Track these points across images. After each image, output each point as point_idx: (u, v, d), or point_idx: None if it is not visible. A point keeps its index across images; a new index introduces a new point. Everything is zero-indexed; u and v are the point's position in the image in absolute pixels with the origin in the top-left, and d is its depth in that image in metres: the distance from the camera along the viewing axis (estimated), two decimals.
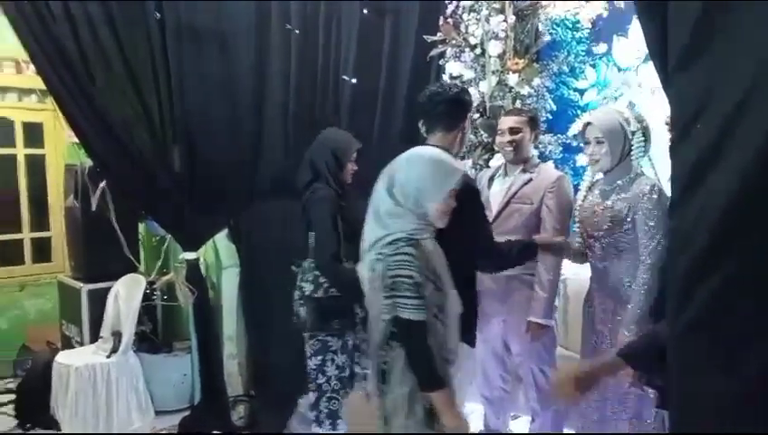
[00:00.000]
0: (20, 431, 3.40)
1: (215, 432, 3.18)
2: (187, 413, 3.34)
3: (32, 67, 4.26)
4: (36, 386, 3.50)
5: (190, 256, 3.20)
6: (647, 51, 1.14)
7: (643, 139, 2.16)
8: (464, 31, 3.32)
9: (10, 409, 3.57)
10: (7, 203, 4.39)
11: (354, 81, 3.48)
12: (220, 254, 3.49)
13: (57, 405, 3.38)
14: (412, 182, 1.71)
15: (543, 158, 3.07)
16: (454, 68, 3.33)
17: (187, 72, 3.03)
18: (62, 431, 3.28)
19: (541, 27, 3.27)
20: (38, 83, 4.34)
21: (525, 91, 3.14)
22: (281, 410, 3.10)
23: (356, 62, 3.49)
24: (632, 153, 2.15)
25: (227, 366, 3.43)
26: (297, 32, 3.31)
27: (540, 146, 3.08)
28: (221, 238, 3.41)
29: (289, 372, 3.01)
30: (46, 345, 3.99)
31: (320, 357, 2.49)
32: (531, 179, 2.56)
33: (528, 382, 2.66)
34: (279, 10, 3.26)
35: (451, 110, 2.14)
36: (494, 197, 2.62)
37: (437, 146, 2.13)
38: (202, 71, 3.09)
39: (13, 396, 3.66)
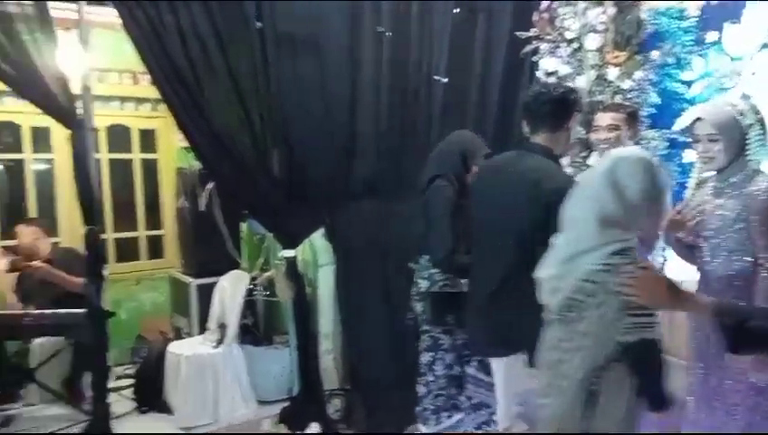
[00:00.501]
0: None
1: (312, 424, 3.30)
2: (286, 404, 3.48)
3: (146, 78, 4.64)
4: (151, 373, 3.78)
5: (289, 253, 3.34)
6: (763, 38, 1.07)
7: (761, 132, 1.99)
8: (559, 25, 3.24)
9: (129, 392, 3.88)
10: (125, 204, 4.78)
11: (446, 80, 3.49)
12: (317, 252, 3.60)
13: (170, 391, 3.64)
14: (641, 187, 1.55)
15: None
16: (549, 64, 3.25)
17: (285, 79, 3.16)
18: (174, 416, 3.53)
19: (643, 17, 3.11)
20: (152, 93, 4.70)
21: (626, 84, 3.01)
22: (375, 406, 3.17)
23: (448, 61, 3.49)
24: (749, 148, 1.99)
25: (323, 361, 3.54)
26: (389, 34, 3.36)
27: (643, 142, 2.94)
28: (318, 237, 3.52)
29: (384, 368, 3.07)
30: (159, 335, 4.31)
31: (430, 354, 2.53)
32: None
33: None
34: (371, 13, 3.32)
35: (557, 110, 2.11)
36: None
37: (542, 145, 2.11)
38: (299, 77, 3.21)
39: (131, 381, 3.98)
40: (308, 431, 3.24)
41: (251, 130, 3.12)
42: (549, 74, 3.26)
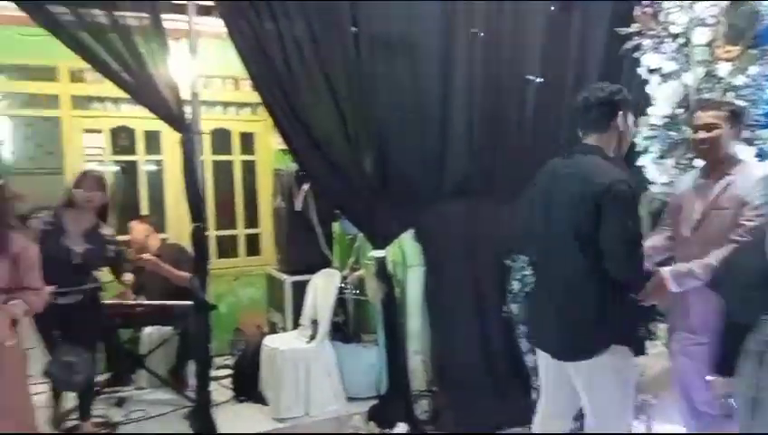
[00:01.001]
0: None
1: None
2: (375, 402, 3.53)
3: (247, 83, 4.87)
4: (248, 365, 3.96)
5: (379, 253, 3.38)
6: None
7: None
8: (664, 20, 3.07)
9: (227, 382, 4.09)
10: (226, 203, 5.04)
11: (540, 80, 3.41)
12: (406, 253, 3.63)
13: (265, 382, 3.80)
14: None
15: (763, 155, 2.72)
16: (652, 60, 3.10)
17: (378, 81, 3.22)
18: (269, 406, 3.67)
19: (758, 9, 2.89)
20: (251, 98, 4.94)
21: (739, 81, 2.80)
22: (464, 408, 3.15)
23: (542, 60, 3.41)
24: None
25: (412, 361, 3.56)
26: (482, 34, 3.33)
27: (758, 142, 2.73)
28: (407, 238, 3.55)
29: (473, 371, 3.05)
30: (256, 329, 4.50)
31: (533, 357, 2.51)
32: (729, 183, 2.29)
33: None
34: (465, 14, 3.31)
35: (601, 111, 2.12)
36: (696, 201, 2.39)
37: (593, 146, 2.12)
38: (392, 79, 3.25)
39: (229, 371, 4.19)
40: (396, 430, 3.27)
41: (345, 132, 3.20)
42: (652, 71, 3.11)
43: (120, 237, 4.34)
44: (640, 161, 3.13)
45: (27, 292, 2.41)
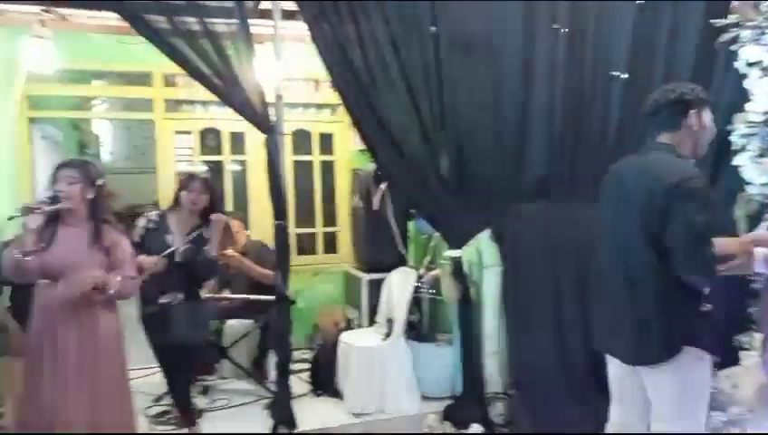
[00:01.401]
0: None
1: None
2: (450, 402, 3.53)
3: (326, 85, 4.99)
4: (325, 359, 4.05)
5: (455, 253, 3.38)
6: None
7: None
8: (766, 9, 2.88)
9: (305, 376, 4.20)
10: (306, 202, 5.18)
11: (625, 76, 3.28)
12: (483, 253, 3.60)
13: (342, 378, 3.87)
14: None
15: None
16: (751, 53, 2.91)
17: (456, 81, 3.21)
18: (345, 401, 3.74)
19: None
20: (330, 99, 5.06)
21: None
22: (541, 413, 3.09)
23: (628, 56, 3.28)
24: None
25: (487, 363, 3.53)
26: (564, 30, 3.25)
27: None
28: (484, 238, 3.51)
29: (552, 376, 2.99)
30: (333, 325, 4.60)
31: None
32: None
33: None
34: (546, 10, 3.24)
35: (672, 110, 2.10)
36: None
37: (665, 144, 2.09)
38: (470, 77, 3.24)
39: (307, 365, 4.30)
40: (471, 431, 3.25)
41: (422, 131, 3.22)
42: (751, 65, 2.92)
43: None
44: (736, 160, 2.95)
45: (122, 276, 2.57)
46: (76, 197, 2.56)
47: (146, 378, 3.71)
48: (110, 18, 3.53)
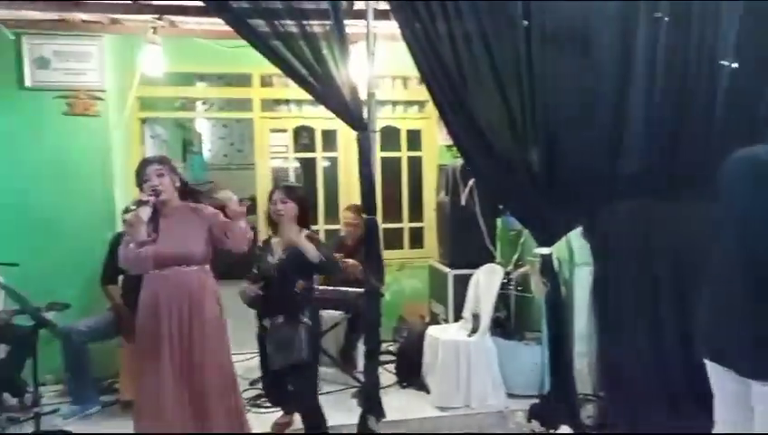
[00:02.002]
0: None
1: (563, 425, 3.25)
2: (536, 401, 3.49)
3: (413, 82, 5.04)
4: (411, 352, 4.13)
5: (544, 251, 3.32)
6: None
7: None
8: None
9: (390, 367, 4.29)
10: (392, 197, 5.27)
11: (735, 65, 3.08)
12: (574, 251, 3.53)
13: (427, 371, 3.93)
14: None
15: None
16: None
17: (549, 74, 3.14)
18: (431, 395, 3.79)
19: None
20: (418, 96, 5.11)
21: None
22: (634, 418, 2.99)
23: (738, 43, 3.08)
24: None
25: (577, 363, 3.46)
26: (667, 18, 3.10)
27: None
28: (575, 236, 3.44)
29: (647, 380, 2.88)
30: (419, 318, 4.66)
31: None
32: None
33: None
34: None
35: None
36: None
37: None
38: (563, 71, 3.15)
39: (392, 357, 4.39)
40: (560, 432, 3.20)
41: (512, 127, 3.18)
42: None
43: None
44: None
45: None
46: (169, 187, 2.79)
47: (242, 363, 3.94)
48: (215, 23, 3.77)
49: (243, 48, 3.20)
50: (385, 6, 3.24)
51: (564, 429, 3.22)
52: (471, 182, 3.97)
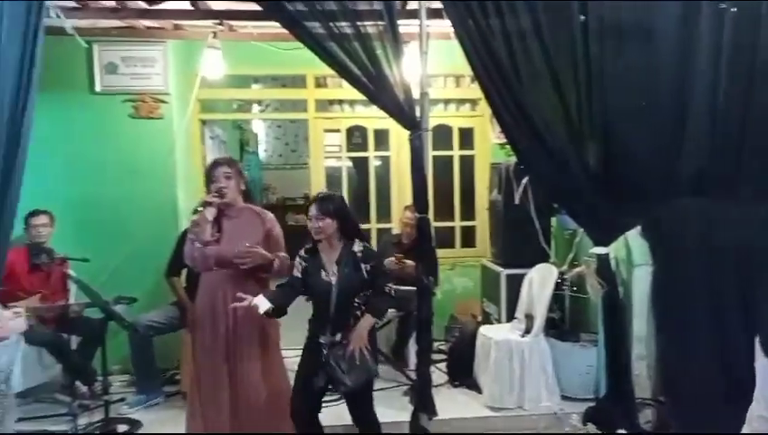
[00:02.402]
0: None
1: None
2: (591, 404, 3.42)
3: (466, 81, 5.02)
4: (463, 352, 4.12)
5: (601, 250, 3.24)
6: None
7: None
8: None
9: (441, 366, 4.29)
10: (444, 196, 5.26)
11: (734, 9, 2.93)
12: (632, 251, 3.44)
13: (479, 371, 3.91)
14: None
15: None
16: None
17: (606, 71, 3.07)
18: (482, 394, 3.77)
19: None
20: (471, 94, 5.09)
21: None
22: (696, 426, 2.89)
23: None
24: None
25: (635, 366, 3.37)
26: (734, 10, 2.98)
27: None
28: (634, 236, 3.36)
29: (709, 385, 2.78)
30: (470, 317, 4.64)
31: None
32: None
33: None
34: None
35: None
36: None
37: None
38: (621, 67, 3.08)
39: (443, 356, 4.38)
40: None
41: (568, 124, 3.12)
42: None
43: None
44: None
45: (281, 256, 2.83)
46: (234, 190, 2.89)
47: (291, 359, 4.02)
48: (273, 27, 3.86)
49: (297, 50, 3.27)
50: (438, 5, 3.24)
51: (621, 433, 3.15)
52: (525, 180, 3.93)
